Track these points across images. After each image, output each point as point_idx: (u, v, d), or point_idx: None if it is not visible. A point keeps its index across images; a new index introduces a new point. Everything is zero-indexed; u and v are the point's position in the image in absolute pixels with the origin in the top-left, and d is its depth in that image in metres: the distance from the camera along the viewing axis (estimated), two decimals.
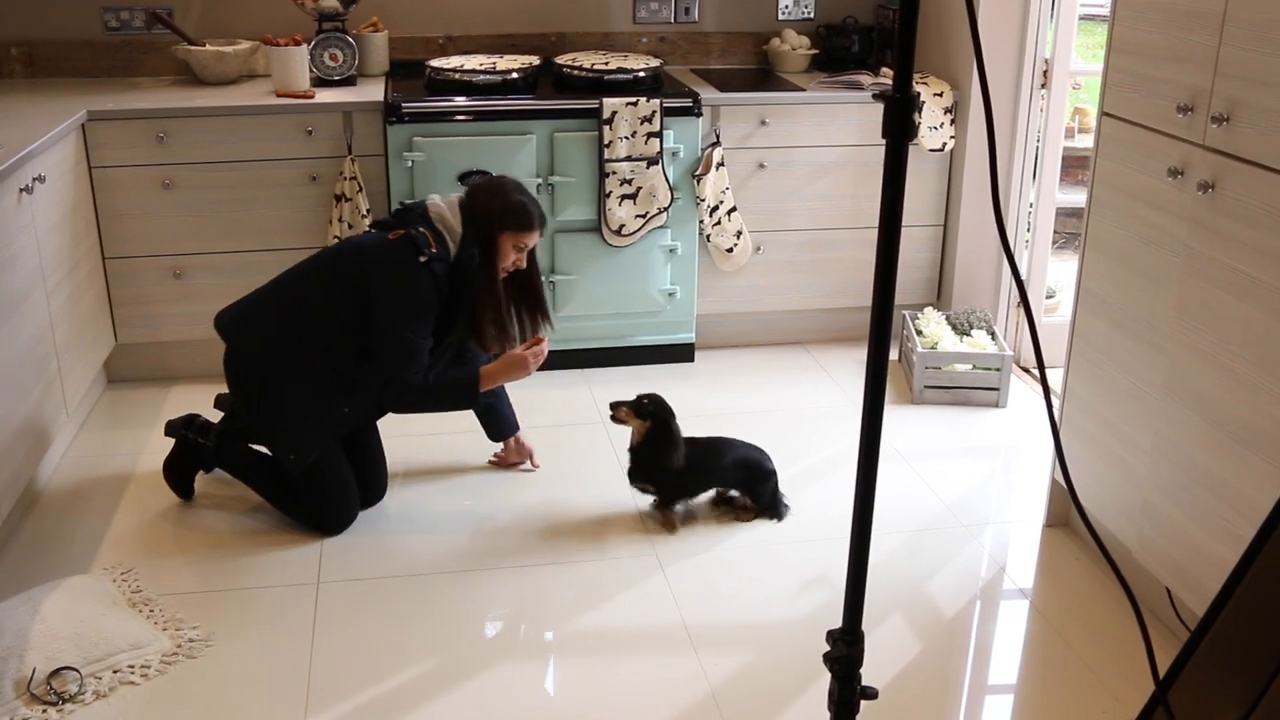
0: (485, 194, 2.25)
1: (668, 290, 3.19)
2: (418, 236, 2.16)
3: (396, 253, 2.16)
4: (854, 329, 3.44)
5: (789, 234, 3.29)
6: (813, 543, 2.33)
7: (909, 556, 2.30)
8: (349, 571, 2.21)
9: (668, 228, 3.13)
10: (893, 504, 2.49)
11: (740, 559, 2.28)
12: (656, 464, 2.30)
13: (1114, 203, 2.10)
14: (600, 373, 3.21)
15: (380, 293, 2.15)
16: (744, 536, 2.36)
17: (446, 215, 2.21)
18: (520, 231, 2.24)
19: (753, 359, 3.31)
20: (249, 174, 2.93)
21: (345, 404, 2.24)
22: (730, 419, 2.92)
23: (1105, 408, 2.14)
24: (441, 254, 2.17)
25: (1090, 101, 3.56)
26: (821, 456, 2.72)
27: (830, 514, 2.45)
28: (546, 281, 3.09)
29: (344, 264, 2.21)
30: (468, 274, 2.20)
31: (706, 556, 2.28)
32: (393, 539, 2.33)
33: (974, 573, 2.26)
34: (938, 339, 3.09)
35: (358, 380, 2.23)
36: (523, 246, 2.26)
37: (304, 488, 2.29)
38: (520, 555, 2.28)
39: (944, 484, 2.60)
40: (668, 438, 2.30)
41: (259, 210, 2.95)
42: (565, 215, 3.06)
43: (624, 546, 2.31)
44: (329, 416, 2.24)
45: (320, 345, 2.20)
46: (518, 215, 2.24)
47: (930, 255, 3.39)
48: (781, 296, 3.35)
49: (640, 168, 3.02)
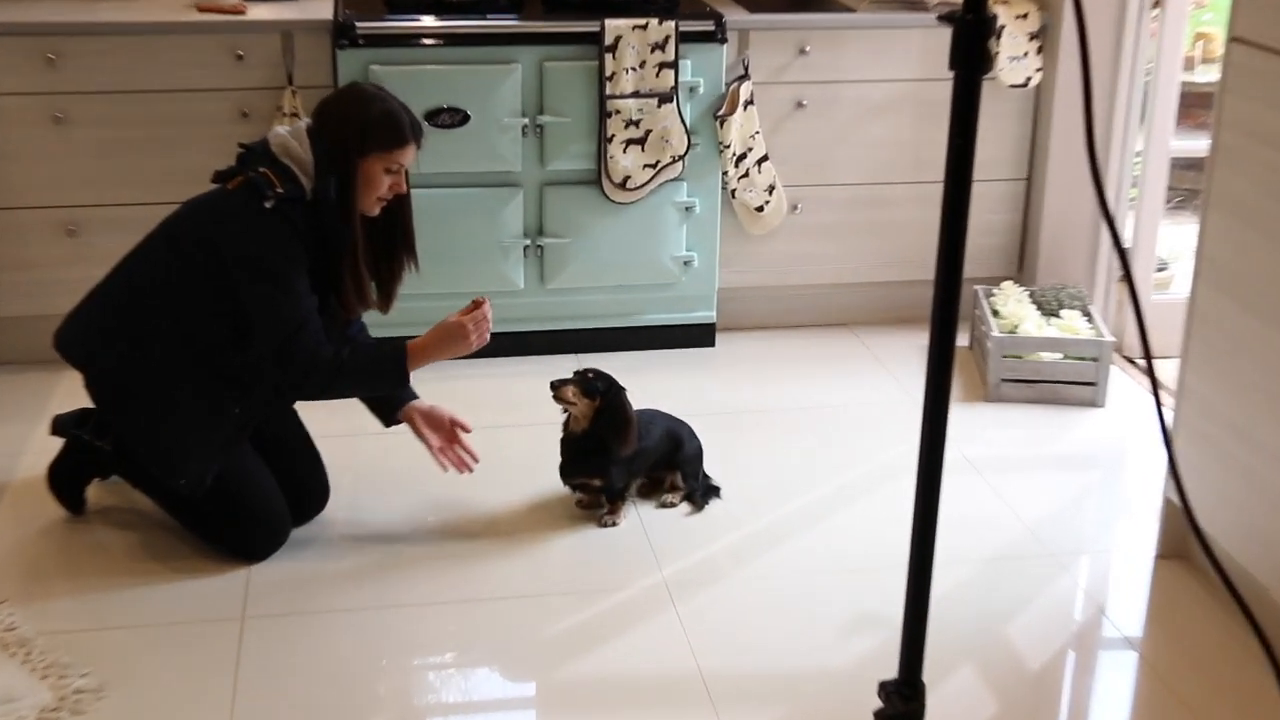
0: (335, 110, 2.23)
1: (682, 258, 3.18)
2: (257, 179, 2.16)
3: (237, 204, 2.17)
4: (914, 308, 3.43)
5: (833, 189, 3.28)
6: (861, 573, 2.34)
7: (982, 592, 2.30)
8: (282, 604, 2.20)
9: (683, 180, 3.13)
10: (962, 526, 2.48)
11: (770, 591, 2.28)
12: (605, 451, 2.37)
13: (1245, 151, 2.07)
14: (597, 360, 3.17)
15: (233, 256, 2.16)
16: (774, 564, 2.36)
17: (292, 146, 2.20)
18: (390, 149, 2.21)
19: (787, 345, 3.31)
20: (162, 107, 2.91)
21: (235, 403, 2.24)
22: (757, 419, 2.92)
23: (1231, 408, 2.12)
24: (292, 193, 2.16)
25: (1217, 23, 3.51)
26: (873, 467, 2.71)
27: (884, 537, 2.44)
28: (531, 245, 3.09)
29: (185, 233, 2.23)
30: (331, 210, 2.20)
31: (728, 587, 2.29)
32: (338, 562, 2.34)
33: (1065, 614, 2.25)
34: (1019, 321, 3.08)
35: (244, 371, 2.23)
36: (396, 167, 2.23)
37: (215, 509, 2.29)
38: (497, 585, 2.28)
39: (1026, 502, 2.60)
40: (621, 417, 2.37)
41: (175, 153, 2.93)
42: (557, 164, 3.05)
43: (626, 574, 2.31)
44: (218, 423, 2.24)
45: (186, 339, 2.21)
46: (383, 128, 2.20)
47: (1010, 217, 3.39)
48: (823, 267, 3.35)
49: (650, 106, 3.00)
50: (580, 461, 2.42)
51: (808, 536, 2.44)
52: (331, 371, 2.19)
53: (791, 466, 2.70)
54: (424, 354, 2.26)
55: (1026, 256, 3.41)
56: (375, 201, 2.24)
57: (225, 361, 2.22)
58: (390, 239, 2.33)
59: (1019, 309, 3.12)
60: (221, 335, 2.21)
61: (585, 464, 2.42)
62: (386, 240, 2.32)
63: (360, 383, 2.29)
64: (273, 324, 2.17)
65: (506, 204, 3.04)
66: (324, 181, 2.17)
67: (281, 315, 2.17)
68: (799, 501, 2.56)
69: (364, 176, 2.20)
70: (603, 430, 2.36)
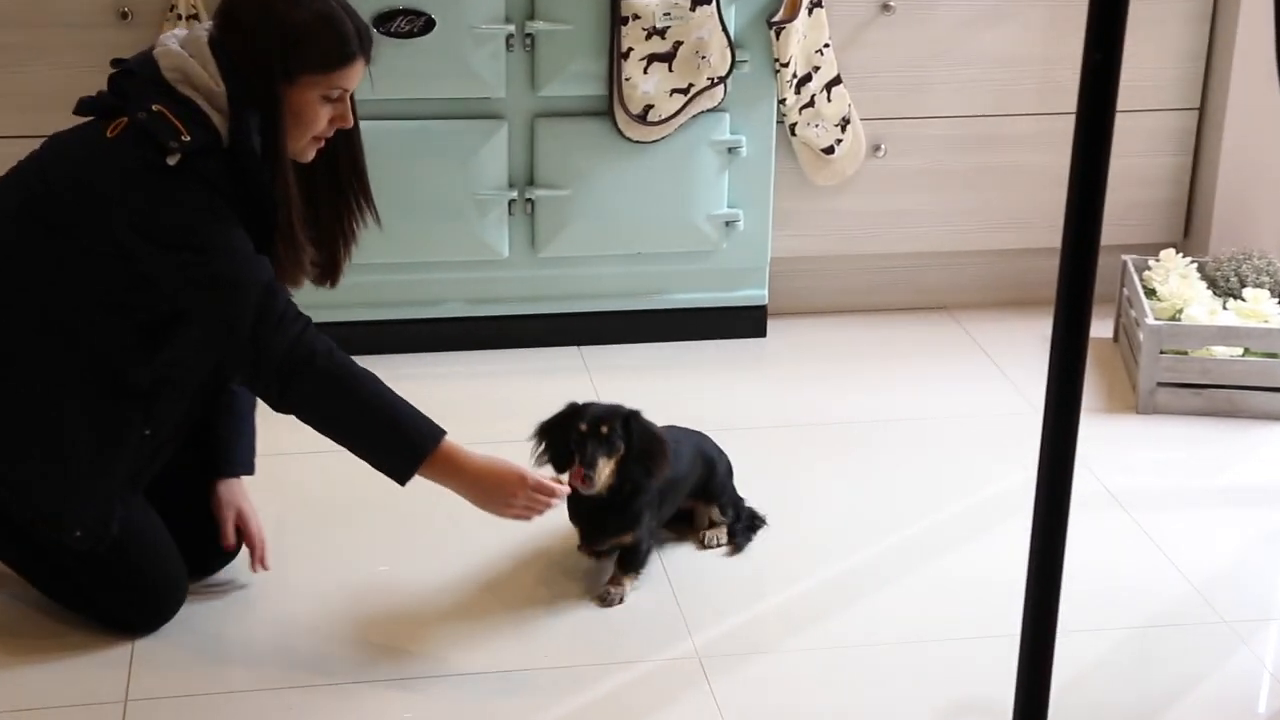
0: (248, 11, 2.17)
1: (723, 217, 3.18)
2: (150, 122, 2.11)
3: (128, 162, 2.12)
4: (1037, 286, 3.44)
5: (930, 124, 3.28)
6: (960, 645, 2.34)
7: (1132, 672, 2.30)
8: (176, 684, 2.22)
9: (725, 111, 3.12)
10: (1104, 583, 2.49)
11: (835, 668, 2.28)
12: (635, 494, 2.39)
13: None
14: (608, 353, 3.21)
15: (136, 234, 2.13)
16: (841, 630, 2.36)
17: (192, 69, 2.14)
18: (328, 69, 2.17)
19: (862, 334, 3.32)
20: (15, 8, 2.93)
21: (144, 423, 2.24)
22: (820, 435, 2.92)
23: None
24: (202, 141, 2.12)
25: None
26: (979, 501, 2.72)
27: (991, 597, 2.44)
28: (519, 199, 3.10)
29: (50, 195, 2.19)
30: (254, 159, 2.16)
31: (779, 661, 2.30)
32: (250, 628, 2.36)
33: (1245, 698, 2.25)
34: (1184, 303, 3.08)
35: (150, 380, 2.22)
36: (338, 93, 2.20)
37: (86, 569, 2.28)
38: (464, 656, 2.28)
39: (1192, 551, 2.59)
40: (654, 441, 2.38)
41: (31, 69, 2.95)
42: (554, 88, 3.06)
43: (644, 640, 2.32)
44: (121, 451, 2.23)
45: (67, 342, 2.19)
46: (317, 39, 2.16)
47: (1174, 163, 3.40)
48: (915, 230, 3.36)
49: (681, 9, 3.02)
50: (609, 520, 2.39)
51: (887, 594, 2.45)
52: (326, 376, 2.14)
53: (867, 500, 2.70)
54: (454, 472, 2.21)
55: (1195, 216, 3.42)
56: (311, 142, 2.22)
57: (125, 370, 2.21)
58: (335, 187, 2.32)
59: (1184, 287, 3.11)
60: (118, 335, 2.19)
61: (618, 520, 2.39)
62: (331, 189, 2.32)
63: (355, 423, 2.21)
64: (228, 313, 2.14)
65: (485, 143, 3.04)
66: (244, 119, 2.15)
67: (237, 296, 2.13)
68: (876, 547, 2.56)
69: (292, 108, 2.18)
70: (631, 472, 2.36)
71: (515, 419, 2.85)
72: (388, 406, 2.20)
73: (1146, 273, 3.19)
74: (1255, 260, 3.18)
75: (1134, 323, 3.09)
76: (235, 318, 2.14)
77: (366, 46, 2.21)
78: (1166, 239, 3.41)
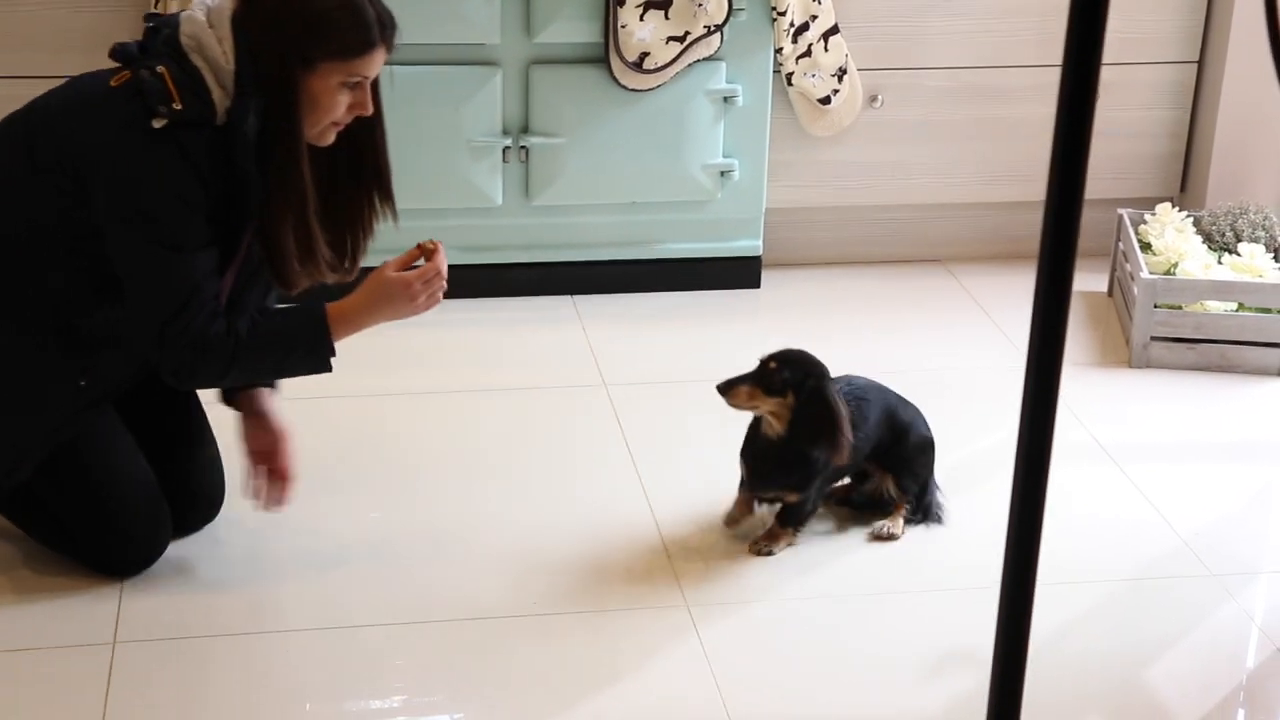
0: None
1: (719, 167, 3.18)
2: (148, 83, 2.11)
3: (115, 113, 2.13)
4: (1033, 239, 3.34)
5: (927, 74, 3.29)
6: (952, 595, 2.34)
7: (1121, 624, 2.31)
8: (163, 627, 2.23)
9: (721, 60, 3.13)
10: (1094, 535, 2.50)
11: (825, 618, 2.29)
12: (807, 459, 2.36)
13: None
14: (600, 302, 3.22)
15: (100, 184, 2.13)
16: (833, 581, 2.37)
17: (208, 42, 2.14)
18: (349, 56, 2.15)
19: (858, 287, 3.33)
20: None
21: (80, 373, 2.24)
22: None
23: None
24: (193, 113, 2.12)
25: None
26: (969, 453, 2.73)
27: (985, 548, 2.41)
28: (513, 147, 3.10)
29: (39, 135, 2.19)
30: (245, 146, 2.15)
31: (768, 610, 2.30)
32: (239, 572, 2.36)
33: (1232, 653, 2.26)
34: (1178, 258, 3.08)
35: (98, 332, 2.22)
36: (358, 80, 2.19)
37: (71, 511, 2.30)
38: (453, 602, 2.29)
39: (1182, 504, 2.60)
40: (827, 414, 2.33)
41: (22, 10, 2.96)
42: (547, 35, 3.06)
43: (636, 591, 2.34)
44: (49, 398, 2.24)
45: (17, 282, 2.19)
46: (339, 27, 2.15)
47: (1170, 116, 3.41)
48: (911, 181, 3.36)
49: None
50: (781, 470, 2.39)
51: (876, 546, 2.46)
52: (228, 355, 2.18)
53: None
54: (352, 320, 2.25)
55: (1192, 170, 3.42)
56: (330, 128, 2.21)
57: (74, 317, 2.21)
58: (354, 179, 2.30)
59: (1179, 241, 3.11)
60: (73, 281, 2.19)
61: (787, 473, 2.39)
62: (349, 181, 2.30)
63: (266, 365, 2.27)
64: (151, 293, 2.15)
65: (478, 90, 3.04)
66: (244, 102, 2.14)
67: (164, 282, 2.14)
68: None
69: (311, 94, 2.16)
70: (799, 436, 2.33)
71: (506, 367, 2.86)
72: (274, 336, 2.23)
73: (1142, 226, 3.19)
74: (1251, 215, 3.18)
75: (1129, 276, 3.10)
76: (152, 309, 2.14)
77: (388, 34, 2.19)
78: (1163, 193, 3.41)
